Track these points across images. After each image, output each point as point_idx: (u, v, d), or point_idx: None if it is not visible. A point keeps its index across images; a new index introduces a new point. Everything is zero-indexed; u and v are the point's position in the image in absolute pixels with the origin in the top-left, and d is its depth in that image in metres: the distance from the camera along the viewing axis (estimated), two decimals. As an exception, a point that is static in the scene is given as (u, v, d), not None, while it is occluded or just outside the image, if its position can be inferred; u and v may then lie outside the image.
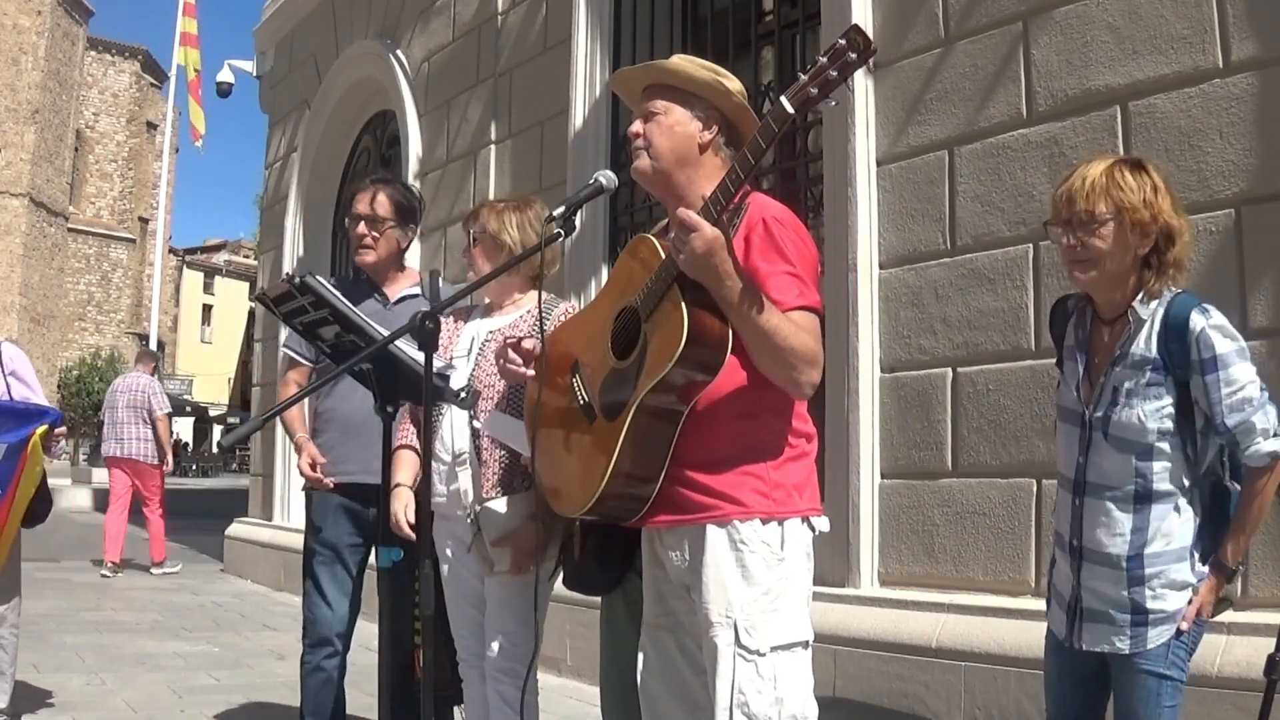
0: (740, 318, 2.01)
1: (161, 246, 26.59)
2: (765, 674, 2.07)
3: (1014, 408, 3.92)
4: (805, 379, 2.07)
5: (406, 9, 8.07)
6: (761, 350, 2.04)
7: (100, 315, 43.90)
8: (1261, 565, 3.28)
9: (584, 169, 5.95)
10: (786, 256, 2.11)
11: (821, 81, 1.90)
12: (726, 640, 2.07)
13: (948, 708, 3.84)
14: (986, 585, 3.94)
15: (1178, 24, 3.59)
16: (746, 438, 2.11)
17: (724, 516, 2.09)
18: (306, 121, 9.47)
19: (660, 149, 2.24)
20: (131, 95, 45.30)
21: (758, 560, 2.09)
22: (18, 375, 4.35)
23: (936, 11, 4.31)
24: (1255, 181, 3.38)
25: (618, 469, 2.03)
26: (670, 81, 2.26)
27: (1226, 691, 3.13)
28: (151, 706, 4.82)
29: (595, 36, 6.05)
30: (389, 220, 3.54)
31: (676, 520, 2.13)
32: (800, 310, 2.08)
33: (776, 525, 2.11)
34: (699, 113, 2.24)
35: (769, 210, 2.17)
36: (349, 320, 2.58)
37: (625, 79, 2.38)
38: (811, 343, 2.07)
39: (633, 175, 2.33)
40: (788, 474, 2.15)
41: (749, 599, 2.08)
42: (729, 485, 2.10)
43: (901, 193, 4.38)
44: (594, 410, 2.15)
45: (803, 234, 2.19)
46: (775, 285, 2.08)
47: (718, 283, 1.99)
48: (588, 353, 2.24)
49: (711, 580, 2.09)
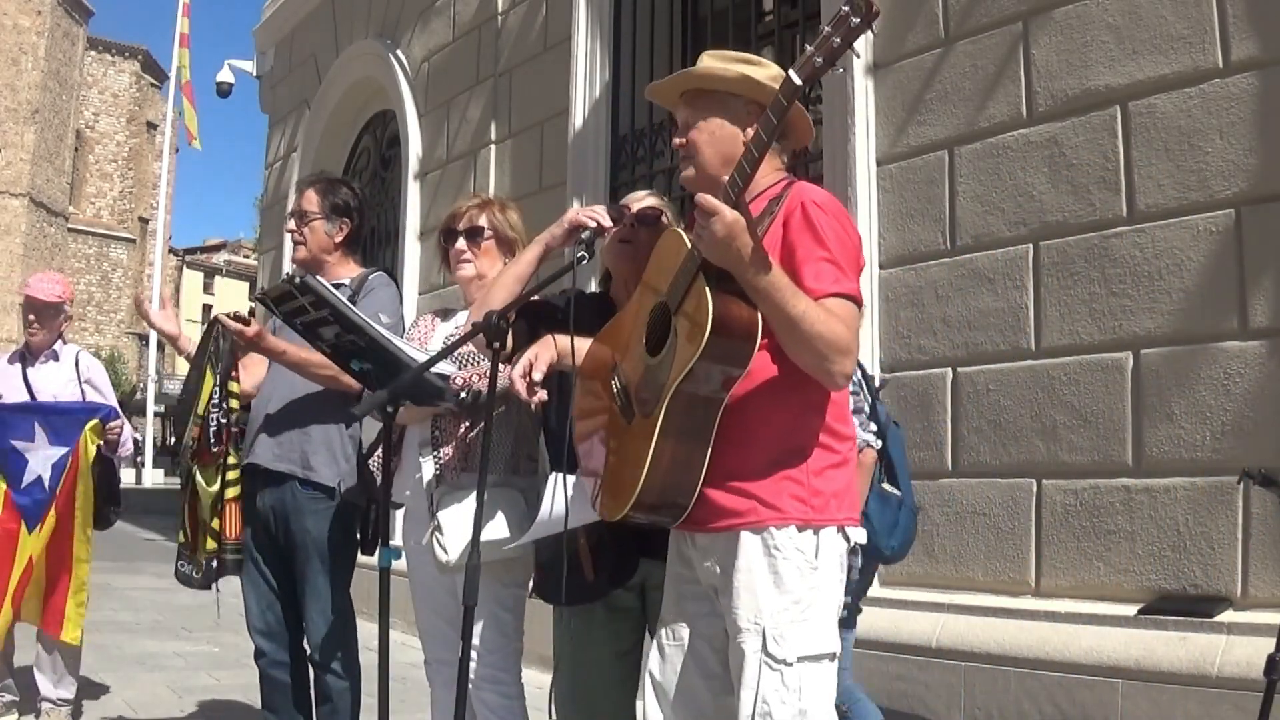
0: (767, 302, 1.94)
1: (161, 246, 26.65)
2: (790, 684, 2.01)
3: (1014, 408, 3.92)
4: (837, 368, 1.99)
5: (406, 9, 8.07)
6: (790, 337, 1.97)
7: (100, 315, 43.92)
8: (1261, 565, 3.28)
9: (584, 169, 5.95)
10: (824, 242, 2.03)
11: (827, 50, 1.84)
12: (754, 647, 2.02)
13: (947, 707, 3.84)
14: (986, 585, 3.94)
15: (1178, 24, 3.59)
16: (786, 440, 2.05)
17: (760, 522, 2.03)
18: (306, 121, 9.47)
19: (706, 157, 2.19)
20: (131, 95, 45.33)
21: (791, 568, 2.03)
22: (93, 384, 4.51)
23: (936, 11, 4.31)
24: (1255, 181, 3.38)
25: (655, 464, 1.97)
26: (703, 86, 2.22)
27: (1226, 691, 3.13)
28: (151, 706, 4.82)
29: (595, 36, 6.05)
30: (315, 214, 3.53)
31: (712, 524, 2.07)
32: (836, 297, 2.00)
33: (812, 533, 2.05)
34: (738, 111, 2.17)
35: (809, 195, 2.09)
36: (349, 320, 2.58)
37: (658, 92, 2.34)
38: (843, 330, 1.98)
39: (681, 184, 2.30)
40: (828, 481, 2.08)
41: (779, 607, 2.03)
42: (767, 490, 2.03)
43: (901, 193, 4.38)
44: (632, 410, 2.09)
45: (844, 220, 2.11)
46: (811, 271, 2.00)
47: (741, 267, 1.93)
48: (625, 352, 2.19)
49: (743, 586, 2.04)
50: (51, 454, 4.11)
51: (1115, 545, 3.62)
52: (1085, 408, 3.72)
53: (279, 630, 3.49)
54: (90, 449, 4.14)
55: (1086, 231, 3.77)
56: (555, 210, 4.24)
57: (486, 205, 3.13)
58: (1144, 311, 3.61)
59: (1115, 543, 3.62)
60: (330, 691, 3.39)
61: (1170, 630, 3.36)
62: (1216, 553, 3.38)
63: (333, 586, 3.39)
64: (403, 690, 4.01)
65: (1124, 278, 3.66)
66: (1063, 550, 3.75)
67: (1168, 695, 3.29)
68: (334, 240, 3.54)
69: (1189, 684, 3.24)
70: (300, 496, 3.31)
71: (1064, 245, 3.82)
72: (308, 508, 3.31)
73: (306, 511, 3.31)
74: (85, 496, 4.17)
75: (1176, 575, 3.47)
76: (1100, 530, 3.66)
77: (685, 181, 2.27)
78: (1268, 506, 3.24)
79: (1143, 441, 3.58)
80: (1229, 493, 3.35)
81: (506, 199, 3.27)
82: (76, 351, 4.58)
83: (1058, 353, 3.82)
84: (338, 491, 3.31)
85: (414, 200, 7.80)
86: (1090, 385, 3.72)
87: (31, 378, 4.40)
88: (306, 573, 3.34)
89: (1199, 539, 3.42)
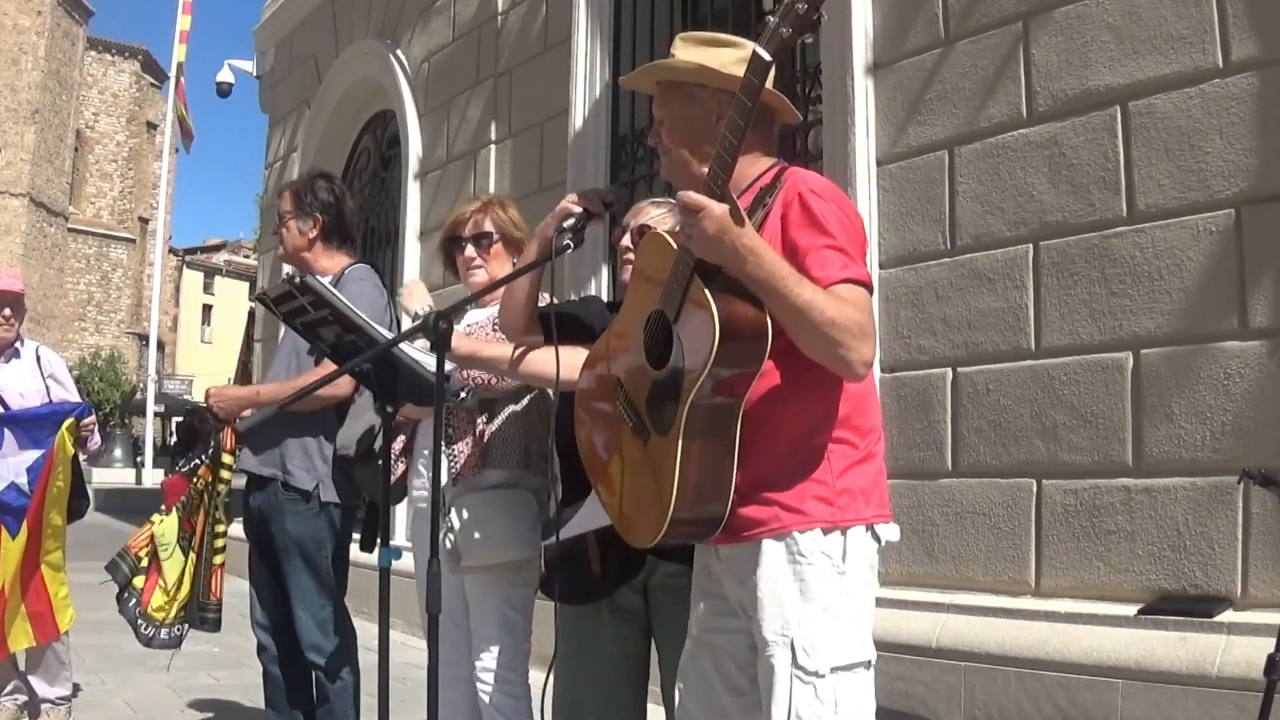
0: (770, 295, 1.84)
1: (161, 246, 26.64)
2: (825, 697, 1.90)
3: (1014, 408, 3.92)
4: (855, 356, 1.85)
5: (406, 9, 8.07)
6: (800, 328, 1.85)
7: (100, 315, 43.89)
8: (1261, 565, 3.28)
9: (584, 169, 5.95)
10: (826, 230, 1.93)
11: (792, 20, 1.75)
12: (784, 661, 1.91)
13: (947, 708, 3.84)
14: (986, 585, 3.94)
15: (1178, 24, 3.59)
16: (806, 442, 1.96)
17: (783, 528, 1.94)
18: (306, 121, 9.47)
19: (680, 152, 2.12)
20: (131, 95, 45.30)
21: (817, 574, 1.93)
22: (56, 378, 4.51)
23: (936, 11, 4.31)
24: (1255, 181, 3.38)
25: (684, 482, 1.86)
26: (668, 78, 2.17)
27: (1226, 691, 3.13)
28: (151, 706, 4.82)
29: (595, 36, 6.05)
30: (288, 213, 3.62)
31: (735, 536, 1.98)
32: (846, 284, 1.88)
33: (839, 535, 1.95)
34: (706, 101, 2.09)
35: (805, 183, 2.00)
36: (349, 320, 2.58)
37: (634, 85, 2.29)
38: (856, 314, 1.85)
39: (665, 179, 2.25)
40: (854, 478, 1.98)
41: (807, 616, 1.92)
42: (788, 495, 1.94)
43: (901, 193, 4.38)
44: (646, 428, 1.98)
45: (845, 205, 2.02)
46: (816, 260, 1.90)
47: (738, 261, 1.83)
48: (626, 369, 2.08)
49: (768, 596, 1.94)
50: (25, 459, 4.07)
51: (1115, 545, 3.61)
52: (1085, 408, 3.72)
53: (280, 627, 3.53)
54: (69, 447, 4.10)
55: (1086, 231, 3.77)
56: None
57: (488, 207, 3.14)
58: (1144, 311, 3.61)
59: (1115, 543, 3.62)
60: (328, 691, 3.42)
61: (1170, 630, 3.36)
62: (1216, 553, 3.38)
63: (319, 586, 3.43)
64: (403, 690, 4.01)
65: (1124, 278, 3.66)
66: (1063, 550, 3.75)
67: (1168, 695, 3.29)
68: (308, 237, 3.60)
69: (1189, 684, 3.24)
70: (281, 498, 3.45)
71: (1064, 245, 3.82)
72: (287, 509, 3.45)
73: (286, 513, 3.45)
74: (60, 492, 4.13)
75: (1176, 575, 3.47)
76: (1100, 530, 3.66)
77: (666, 178, 2.23)
78: (1268, 506, 3.23)
79: (1143, 441, 3.58)
80: (1229, 493, 3.35)
81: (505, 196, 3.28)
82: (36, 347, 4.53)
83: (1058, 353, 3.82)
84: (314, 494, 3.40)
85: (414, 200, 7.80)
86: (1090, 385, 3.72)
87: None
88: (290, 572, 3.44)
89: (1199, 539, 3.42)
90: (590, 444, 2.20)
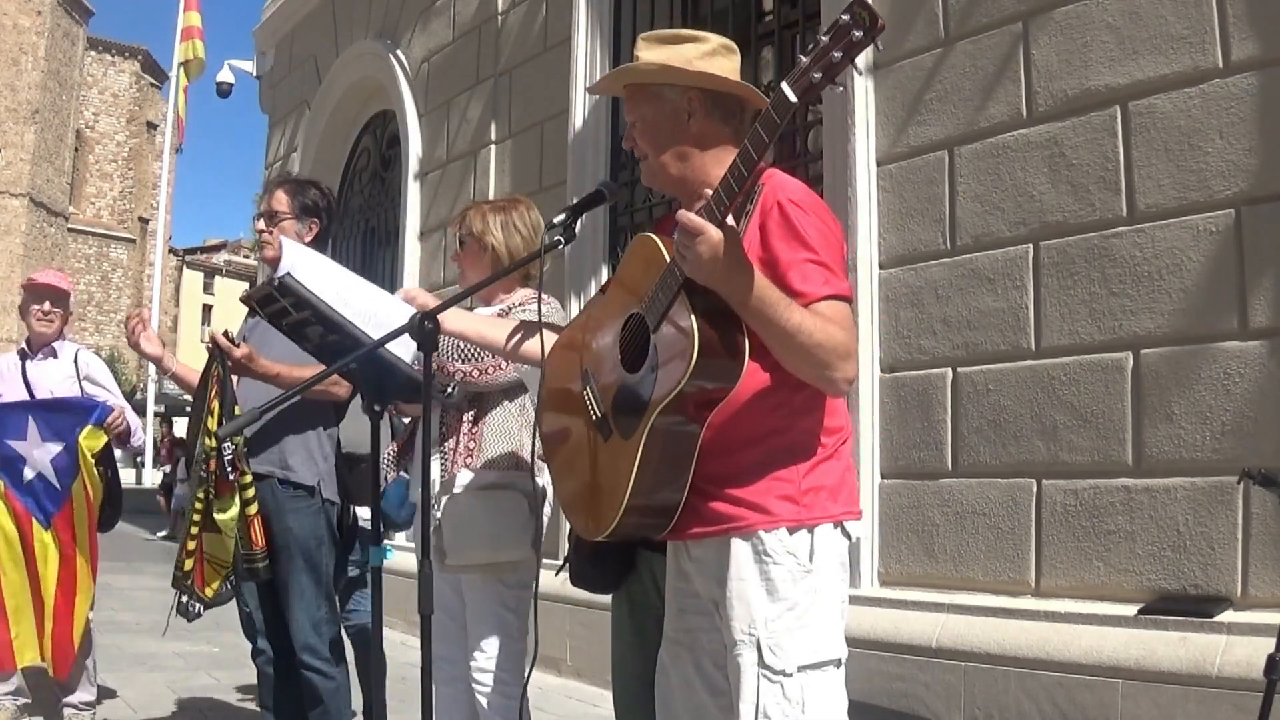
0: (758, 321, 1.84)
1: (161, 246, 26.60)
2: (792, 696, 1.91)
3: (1014, 408, 3.92)
4: (839, 375, 1.89)
5: (406, 9, 8.07)
6: (787, 351, 1.87)
7: (100, 315, 43.90)
8: (1261, 565, 3.28)
9: (584, 169, 5.95)
10: (807, 243, 1.92)
11: (825, 65, 1.69)
12: (750, 660, 1.93)
13: (948, 708, 3.84)
14: (986, 585, 3.94)
15: (1178, 24, 3.59)
16: (775, 441, 1.96)
17: (749, 527, 1.94)
18: (306, 121, 9.47)
19: (654, 157, 2.11)
20: (131, 95, 45.35)
21: (783, 573, 1.94)
22: (93, 379, 4.49)
23: (936, 11, 4.31)
24: (1255, 181, 3.38)
25: (637, 489, 1.88)
26: (632, 80, 2.14)
27: (1226, 691, 3.13)
28: (151, 706, 4.81)
29: (595, 36, 6.05)
30: (284, 214, 3.57)
31: (702, 533, 1.99)
32: (828, 300, 1.89)
33: (805, 533, 1.96)
34: (674, 100, 2.06)
35: (785, 191, 1.98)
36: (331, 321, 2.55)
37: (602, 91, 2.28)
38: (841, 335, 1.88)
39: (645, 184, 2.26)
40: (821, 476, 1.99)
41: (773, 615, 1.93)
42: (756, 493, 1.95)
43: (901, 193, 4.38)
44: (609, 426, 1.99)
45: (824, 215, 2.01)
46: (798, 275, 1.90)
47: (728, 288, 1.82)
48: (596, 360, 2.08)
49: (735, 596, 1.95)
50: (48, 450, 4.06)
51: (1115, 545, 3.61)
52: (1085, 408, 3.72)
53: (276, 628, 3.52)
54: (89, 459, 4.07)
55: (1086, 231, 3.77)
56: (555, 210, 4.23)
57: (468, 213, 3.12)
58: (1144, 311, 3.61)
59: (1115, 543, 3.62)
60: (320, 692, 3.40)
61: (1170, 630, 3.36)
62: (1216, 553, 3.38)
63: (317, 586, 3.42)
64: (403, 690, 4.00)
65: (1124, 278, 3.66)
66: (1063, 550, 3.75)
67: (1168, 695, 3.29)
68: (304, 240, 3.58)
69: (1189, 684, 3.24)
70: (280, 496, 3.36)
71: (1064, 245, 3.82)
72: (288, 506, 3.37)
73: (287, 510, 3.37)
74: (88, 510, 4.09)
75: (1176, 575, 3.47)
76: (1100, 530, 3.66)
77: (647, 183, 2.22)
78: (1268, 506, 3.24)
79: (1143, 441, 3.58)
80: (1229, 493, 3.35)
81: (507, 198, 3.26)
82: (76, 349, 4.57)
83: (1058, 353, 3.82)
84: (318, 490, 3.36)
85: (414, 200, 7.81)
86: (1090, 385, 3.72)
87: (30, 373, 4.38)
88: (290, 572, 3.38)
89: (1199, 539, 3.42)
90: (550, 424, 2.23)
